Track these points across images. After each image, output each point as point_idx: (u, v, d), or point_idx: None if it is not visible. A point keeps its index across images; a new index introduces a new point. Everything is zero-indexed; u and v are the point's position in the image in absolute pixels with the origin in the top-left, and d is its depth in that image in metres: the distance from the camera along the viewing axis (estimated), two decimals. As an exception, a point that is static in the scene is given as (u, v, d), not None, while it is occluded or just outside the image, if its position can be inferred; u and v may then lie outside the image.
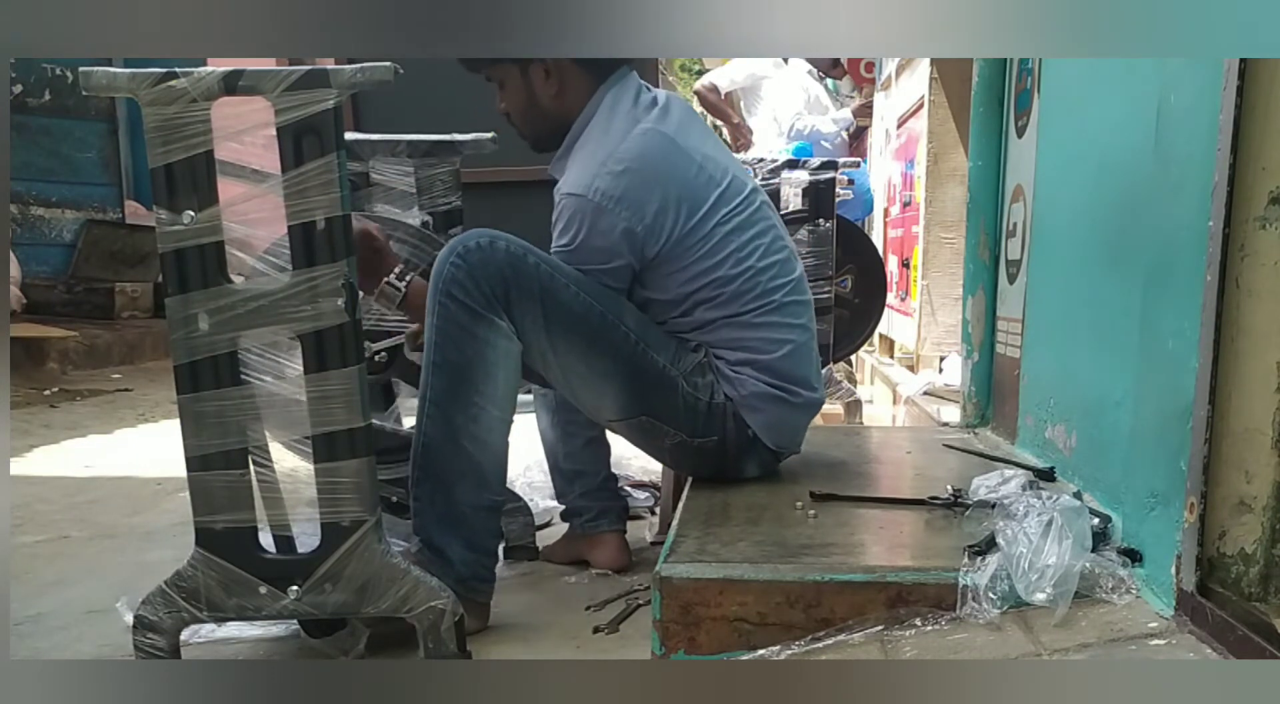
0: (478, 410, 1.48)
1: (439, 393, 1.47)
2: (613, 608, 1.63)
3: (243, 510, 1.28)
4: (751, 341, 1.59)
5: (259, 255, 1.32)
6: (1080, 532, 1.14)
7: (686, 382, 1.57)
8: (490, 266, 1.45)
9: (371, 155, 1.81)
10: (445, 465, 1.48)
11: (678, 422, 1.58)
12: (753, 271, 1.59)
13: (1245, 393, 1.03)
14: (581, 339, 1.52)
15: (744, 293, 1.58)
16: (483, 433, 1.49)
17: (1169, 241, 1.13)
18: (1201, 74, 1.07)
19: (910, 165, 4.18)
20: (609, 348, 1.53)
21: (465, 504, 1.49)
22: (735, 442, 1.60)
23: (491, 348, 1.47)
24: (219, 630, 1.51)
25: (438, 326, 1.46)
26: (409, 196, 1.82)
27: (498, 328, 1.47)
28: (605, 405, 1.59)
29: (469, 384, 1.47)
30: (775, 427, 1.62)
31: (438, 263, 1.47)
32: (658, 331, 1.59)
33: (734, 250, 1.58)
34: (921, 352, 3.76)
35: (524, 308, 1.47)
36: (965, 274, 2.29)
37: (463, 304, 1.45)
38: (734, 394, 1.59)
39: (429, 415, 1.48)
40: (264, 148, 1.20)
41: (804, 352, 1.64)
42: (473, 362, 1.46)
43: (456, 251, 1.46)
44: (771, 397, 1.59)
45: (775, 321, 1.60)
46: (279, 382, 1.29)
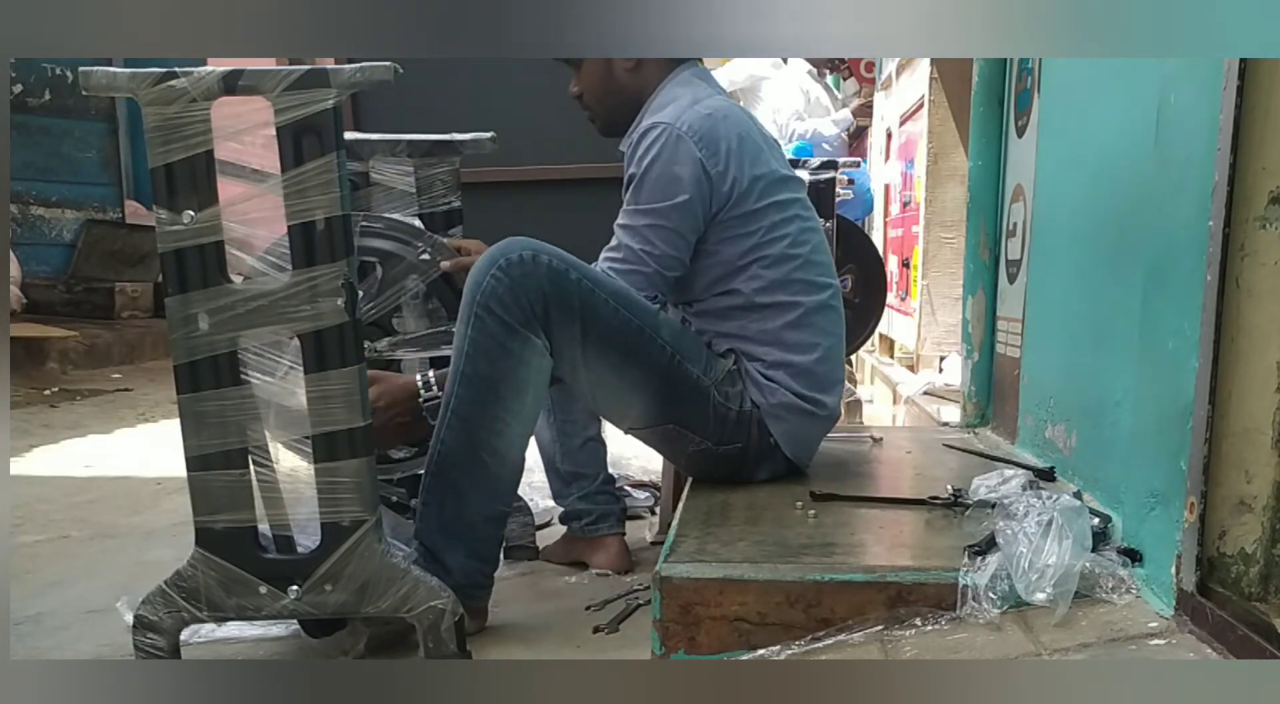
0: (502, 426, 1.45)
1: (464, 404, 1.44)
2: (613, 608, 1.63)
3: (243, 510, 1.28)
4: (791, 341, 1.59)
5: (259, 255, 1.31)
6: (1080, 532, 1.14)
7: (718, 391, 1.56)
8: (531, 281, 1.43)
9: (371, 155, 1.80)
10: (460, 475, 1.46)
11: (705, 430, 1.57)
12: (802, 261, 1.60)
13: (1245, 393, 1.03)
14: (617, 353, 1.50)
15: (791, 282, 1.59)
16: (504, 447, 1.47)
17: (1169, 241, 1.13)
18: (1201, 74, 1.07)
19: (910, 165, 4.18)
20: (644, 360, 1.52)
21: (476, 514, 1.48)
22: (756, 449, 1.60)
23: (524, 365, 1.44)
24: (219, 630, 1.51)
25: (471, 338, 1.43)
26: (409, 196, 1.82)
27: (533, 345, 1.44)
28: (633, 414, 1.59)
29: (497, 399, 1.44)
30: (796, 437, 1.63)
31: (477, 272, 1.44)
32: (692, 339, 1.59)
33: (791, 234, 1.59)
34: (921, 351, 3.76)
35: (563, 324, 1.45)
36: (965, 274, 2.29)
37: (500, 319, 1.42)
38: (762, 401, 1.59)
39: (450, 425, 1.45)
40: (264, 148, 1.20)
41: (836, 356, 1.67)
42: (504, 376, 1.44)
43: (499, 264, 1.43)
44: (798, 409, 1.60)
45: (815, 323, 1.61)
46: (279, 381, 1.29)
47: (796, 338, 1.60)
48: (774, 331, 1.59)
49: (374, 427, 1.29)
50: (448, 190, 1.85)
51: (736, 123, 1.59)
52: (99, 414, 4.01)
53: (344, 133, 1.23)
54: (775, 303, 1.59)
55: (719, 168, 1.54)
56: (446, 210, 1.85)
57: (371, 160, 1.81)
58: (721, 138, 1.55)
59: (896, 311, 4.28)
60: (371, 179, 1.81)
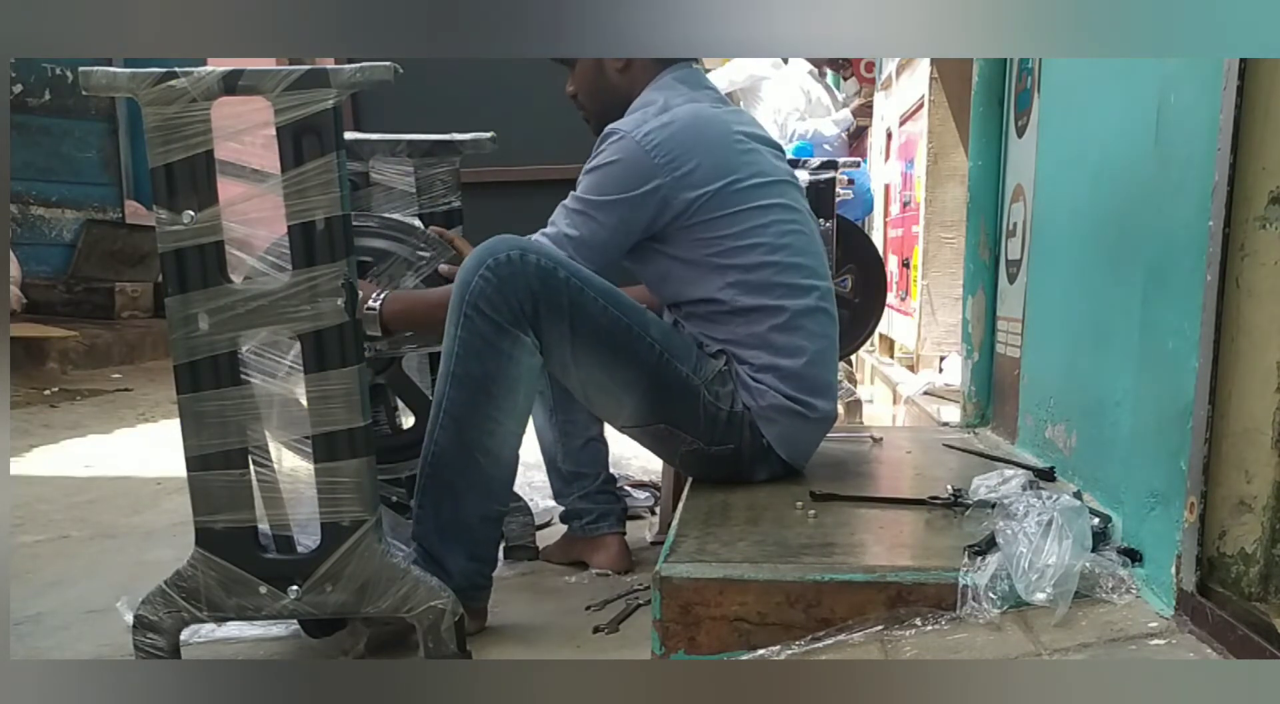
0: (494, 425, 1.45)
1: (456, 405, 1.44)
2: (613, 608, 1.63)
3: (243, 510, 1.28)
4: (778, 344, 1.58)
5: (259, 255, 1.31)
6: (1080, 531, 1.14)
7: (708, 390, 1.56)
8: (519, 280, 1.43)
9: (371, 155, 1.80)
10: (455, 476, 1.46)
11: (697, 430, 1.57)
12: (780, 265, 1.58)
13: (1245, 393, 1.03)
14: (606, 351, 1.50)
15: (773, 286, 1.57)
16: (497, 446, 1.47)
17: (1169, 241, 1.13)
18: (1201, 74, 1.07)
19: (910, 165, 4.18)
20: (633, 359, 1.52)
21: (472, 515, 1.48)
22: (750, 450, 1.60)
23: (515, 364, 1.45)
24: (219, 630, 1.51)
25: (461, 338, 1.43)
26: (409, 196, 1.82)
27: (523, 344, 1.45)
28: (624, 413, 1.59)
29: (488, 399, 1.44)
30: (789, 439, 1.62)
31: (464, 272, 1.45)
32: (681, 339, 1.58)
33: (767, 240, 1.57)
34: (921, 351, 3.76)
35: (552, 323, 1.45)
36: (965, 274, 2.29)
37: (489, 318, 1.42)
38: (752, 404, 1.58)
39: (442, 426, 1.45)
40: (264, 148, 1.20)
41: (827, 360, 1.65)
42: (494, 376, 1.44)
43: (486, 264, 1.43)
44: (789, 410, 1.59)
45: (804, 327, 1.60)
46: (279, 381, 1.29)
47: (784, 341, 1.58)
48: (761, 335, 1.58)
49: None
50: (448, 190, 1.85)
51: (700, 131, 1.57)
52: (99, 414, 4.01)
53: (344, 133, 1.23)
54: (759, 306, 1.57)
55: (672, 176, 1.53)
56: (446, 210, 1.85)
57: (371, 160, 1.81)
58: (679, 147, 1.53)
59: (896, 311, 4.28)
60: (371, 179, 1.81)
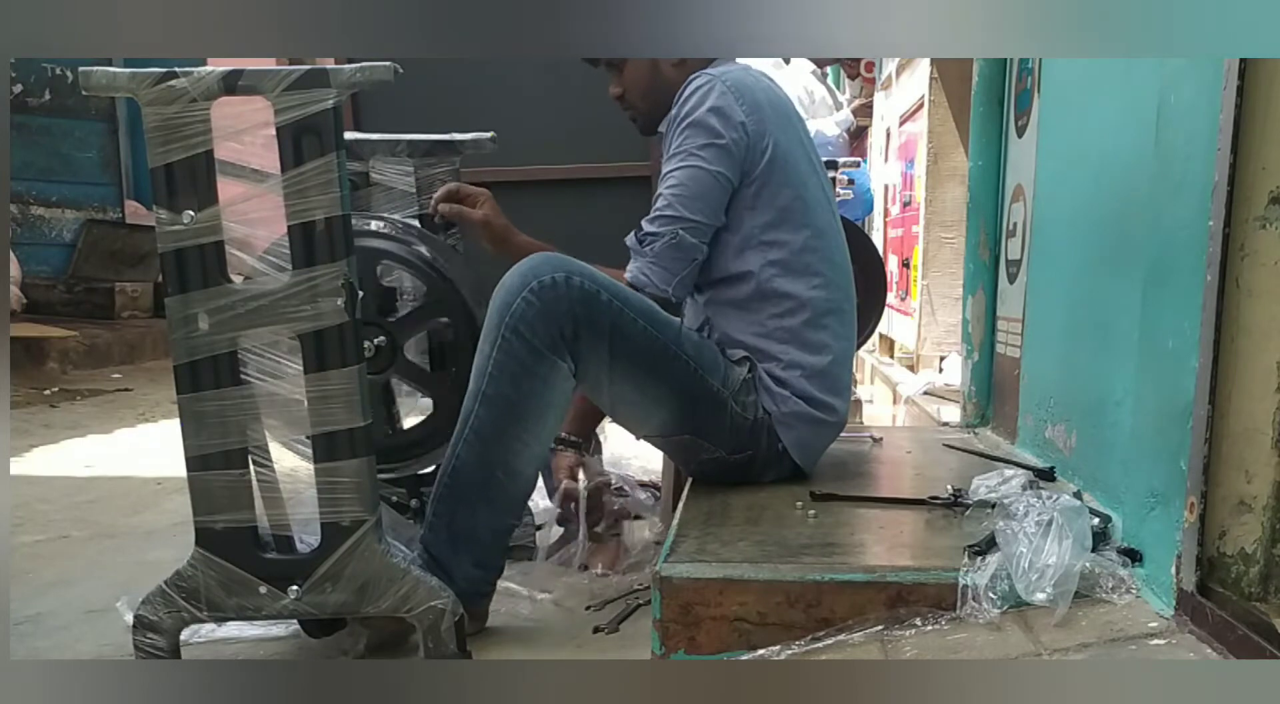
0: (521, 446, 1.44)
1: (483, 424, 1.43)
2: (613, 608, 1.63)
3: (243, 510, 1.28)
4: (807, 339, 1.59)
5: (259, 255, 1.31)
6: (1080, 531, 1.14)
7: (735, 401, 1.56)
8: (563, 304, 1.41)
9: (371, 155, 1.80)
10: (474, 492, 1.45)
11: (721, 440, 1.57)
12: (820, 255, 1.61)
13: (1245, 393, 1.03)
14: (643, 371, 1.50)
15: (809, 272, 1.59)
16: (520, 465, 1.46)
17: (1169, 241, 1.13)
18: (1201, 74, 1.07)
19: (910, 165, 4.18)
20: (667, 376, 1.51)
21: (485, 528, 1.47)
22: (765, 456, 1.61)
23: (550, 388, 1.44)
24: (219, 630, 1.51)
25: (496, 360, 1.41)
26: (409, 196, 1.82)
27: (559, 369, 1.43)
28: (651, 425, 1.60)
29: (518, 422, 1.43)
30: (804, 444, 1.63)
31: (505, 292, 1.43)
32: (710, 350, 1.58)
33: (813, 223, 1.60)
34: (921, 351, 3.76)
35: (591, 346, 1.44)
36: (965, 274, 2.29)
37: (527, 342, 1.40)
38: (773, 409, 1.59)
39: (466, 441, 1.43)
40: (264, 147, 1.20)
41: (846, 363, 1.67)
42: (527, 400, 1.43)
43: (530, 287, 1.41)
44: (808, 416, 1.60)
45: (828, 325, 1.61)
46: (279, 381, 1.29)
47: (813, 337, 1.60)
48: (793, 328, 1.59)
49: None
50: (448, 190, 1.85)
51: (776, 92, 1.63)
52: (99, 414, 4.01)
53: (344, 133, 1.23)
54: (791, 295, 1.58)
55: (754, 122, 1.55)
56: (446, 210, 1.84)
57: (371, 160, 1.81)
58: (760, 93, 1.57)
59: (896, 311, 4.28)
60: (371, 179, 1.81)
